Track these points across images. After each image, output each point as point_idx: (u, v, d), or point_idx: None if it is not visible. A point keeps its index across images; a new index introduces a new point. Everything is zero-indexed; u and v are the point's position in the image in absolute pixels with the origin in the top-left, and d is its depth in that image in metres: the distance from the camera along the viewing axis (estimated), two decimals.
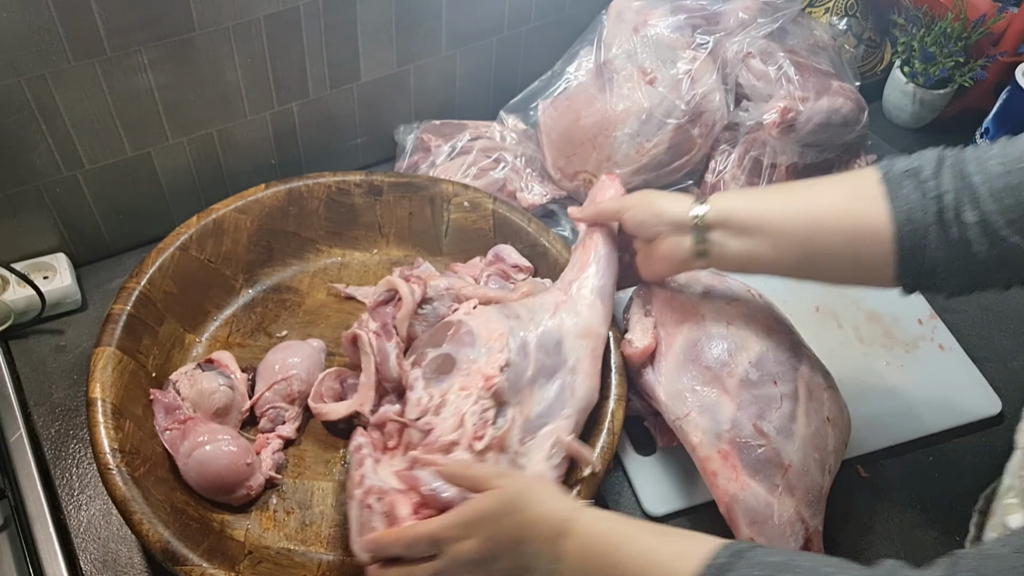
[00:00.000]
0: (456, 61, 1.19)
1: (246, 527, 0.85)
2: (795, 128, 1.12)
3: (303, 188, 1.04)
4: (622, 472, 0.95)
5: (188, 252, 0.97)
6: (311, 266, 1.07)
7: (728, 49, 1.15)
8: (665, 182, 1.20)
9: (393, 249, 1.09)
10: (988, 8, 1.26)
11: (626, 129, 1.14)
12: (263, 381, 0.93)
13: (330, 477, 0.90)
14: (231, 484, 0.85)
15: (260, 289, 1.04)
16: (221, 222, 1.00)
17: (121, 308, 0.90)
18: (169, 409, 0.88)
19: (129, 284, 0.93)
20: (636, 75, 1.14)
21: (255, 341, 0.99)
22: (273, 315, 1.02)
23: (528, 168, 1.19)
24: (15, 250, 1.04)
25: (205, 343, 0.98)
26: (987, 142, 1.27)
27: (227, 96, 1.04)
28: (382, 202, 1.07)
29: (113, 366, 0.86)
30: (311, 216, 1.06)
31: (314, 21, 1.03)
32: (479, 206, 1.07)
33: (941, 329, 1.09)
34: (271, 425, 0.92)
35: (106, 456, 0.80)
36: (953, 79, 1.29)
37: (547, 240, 1.04)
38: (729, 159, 1.18)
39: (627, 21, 1.17)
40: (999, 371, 1.07)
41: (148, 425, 0.87)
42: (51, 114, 0.94)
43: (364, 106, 1.16)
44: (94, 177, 1.02)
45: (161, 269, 0.95)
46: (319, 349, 0.97)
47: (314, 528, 0.86)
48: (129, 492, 0.78)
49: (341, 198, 1.06)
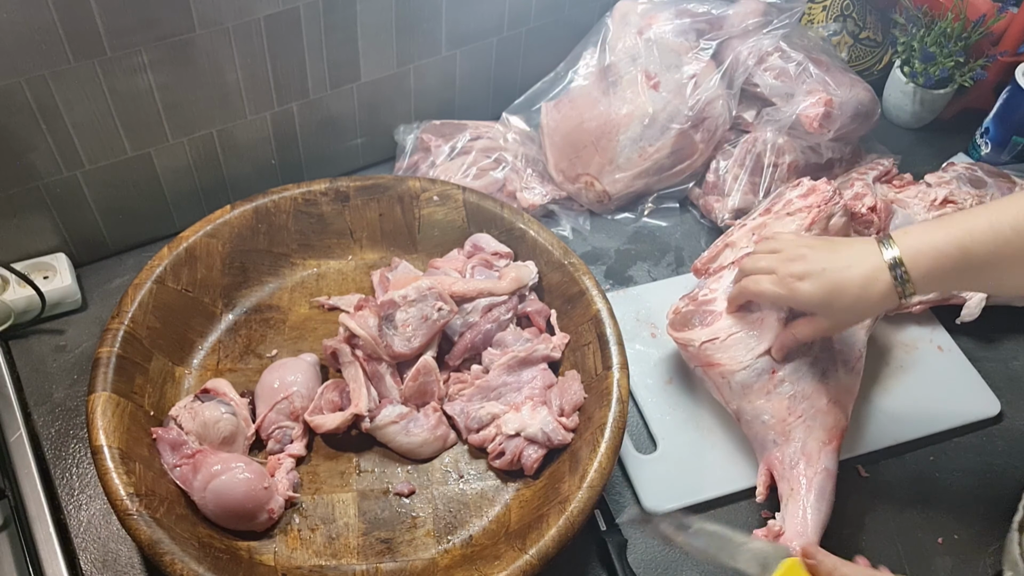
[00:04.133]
0: (456, 61, 1.19)
1: (273, 550, 0.85)
2: (831, 119, 1.12)
3: (269, 204, 1.03)
4: (622, 471, 0.95)
5: (164, 284, 0.95)
6: (288, 281, 1.05)
7: (739, 52, 1.15)
8: (666, 185, 1.20)
9: (367, 253, 1.08)
10: (988, 8, 1.26)
11: (629, 133, 1.14)
12: (263, 403, 0.92)
13: (348, 488, 0.90)
14: (252, 511, 0.84)
15: (241, 311, 1.02)
16: (192, 249, 0.98)
17: (108, 351, 0.88)
18: (175, 445, 0.86)
19: (112, 325, 0.90)
20: (640, 79, 1.14)
21: (246, 364, 0.98)
22: (259, 335, 1.01)
23: (528, 168, 1.19)
24: (15, 250, 1.04)
25: (196, 374, 0.97)
26: (987, 142, 1.28)
27: (227, 96, 1.04)
28: (350, 207, 1.06)
29: (112, 411, 0.84)
30: (281, 231, 1.04)
31: (314, 21, 1.03)
32: (449, 198, 1.06)
33: (940, 330, 1.10)
34: (279, 446, 0.91)
35: (124, 502, 0.78)
36: (953, 79, 1.29)
37: (523, 223, 1.04)
38: (730, 158, 1.18)
39: (631, 24, 1.17)
40: (998, 372, 1.07)
41: (156, 465, 0.85)
42: (51, 114, 0.94)
43: (364, 106, 1.16)
44: (94, 177, 1.02)
45: (141, 305, 0.93)
46: (313, 363, 0.96)
47: (342, 540, 0.86)
48: (155, 535, 0.77)
49: (309, 209, 1.05)
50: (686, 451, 0.97)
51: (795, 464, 0.86)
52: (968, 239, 0.77)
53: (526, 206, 1.16)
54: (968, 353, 1.07)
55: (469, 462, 0.93)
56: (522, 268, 1.01)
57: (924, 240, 0.79)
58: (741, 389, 0.90)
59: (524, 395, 0.94)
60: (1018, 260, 0.75)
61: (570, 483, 0.85)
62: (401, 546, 0.86)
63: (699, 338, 0.93)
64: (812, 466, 0.86)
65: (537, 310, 1.01)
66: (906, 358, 1.06)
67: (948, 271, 0.78)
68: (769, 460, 0.89)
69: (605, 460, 0.84)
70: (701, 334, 0.93)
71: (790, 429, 0.87)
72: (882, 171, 1.17)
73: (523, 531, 0.83)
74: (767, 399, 0.89)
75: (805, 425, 0.87)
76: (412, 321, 0.94)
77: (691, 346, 0.93)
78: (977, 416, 1.02)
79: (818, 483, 0.85)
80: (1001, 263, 0.76)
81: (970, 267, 0.77)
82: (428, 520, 0.88)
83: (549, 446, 0.90)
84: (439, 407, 0.94)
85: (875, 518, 0.94)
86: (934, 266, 0.78)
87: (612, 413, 0.87)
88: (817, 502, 0.84)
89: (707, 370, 0.93)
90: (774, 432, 0.88)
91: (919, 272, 0.78)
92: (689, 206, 1.23)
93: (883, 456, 0.98)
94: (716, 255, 1.02)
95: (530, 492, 0.89)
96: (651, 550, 0.91)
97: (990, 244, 0.76)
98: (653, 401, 1.01)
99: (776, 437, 0.88)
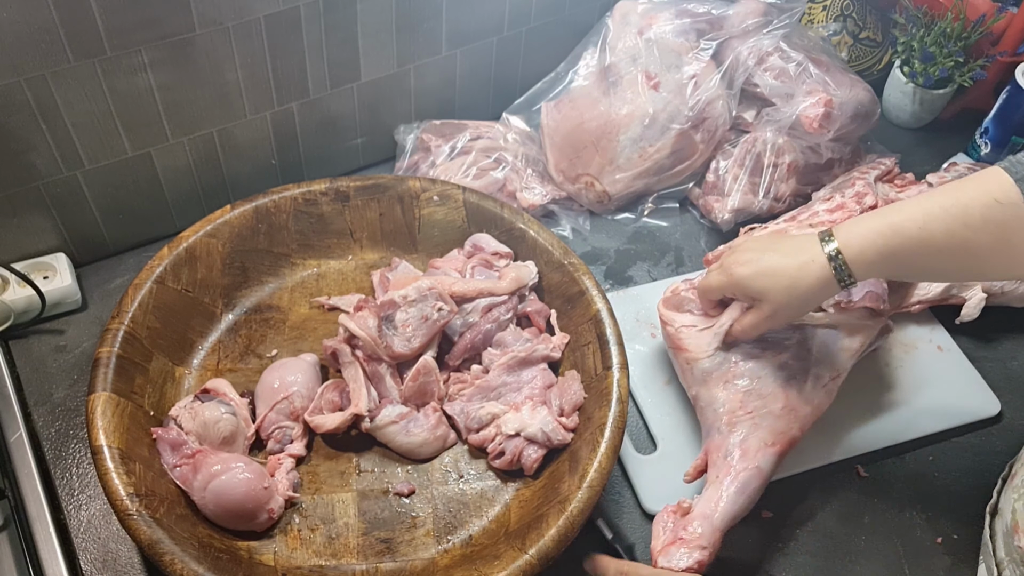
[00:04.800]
0: (456, 61, 1.19)
1: (273, 551, 0.85)
2: (831, 119, 1.12)
3: (270, 204, 1.03)
4: (622, 471, 0.96)
5: (164, 284, 0.95)
6: (288, 281, 1.05)
7: (739, 52, 1.15)
8: (666, 185, 1.20)
9: (367, 253, 1.08)
10: (988, 8, 1.26)
11: (629, 133, 1.14)
12: (263, 403, 0.92)
13: (348, 488, 0.90)
14: (252, 511, 0.84)
15: (241, 312, 1.02)
16: (192, 249, 0.98)
17: (108, 351, 0.88)
18: (175, 445, 0.86)
19: (112, 325, 0.90)
20: (640, 79, 1.14)
21: (246, 364, 0.98)
22: (259, 336, 1.00)
23: (529, 168, 1.19)
24: (15, 250, 1.04)
25: (196, 374, 0.96)
26: (987, 142, 1.28)
27: (227, 96, 1.04)
28: (350, 207, 1.06)
29: (112, 411, 0.84)
30: (281, 231, 1.04)
31: (314, 21, 1.03)
32: (449, 198, 1.06)
33: (939, 330, 1.10)
34: (279, 446, 0.91)
35: (124, 502, 0.78)
36: (953, 79, 1.29)
37: (523, 223, 1.04)
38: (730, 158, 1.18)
39: (632, 24, 1.17)
40: (997, 371, 1.07)
41: (156, 465, 0.85)
42: (51, 114, 0.94)
43: (364, 106, 1.16)
44: (94, 177, 1.02)
45: (141, 305, 0.93)
46: (313, 363, 0.96)
47: (342, 540, 0.86)
48: (155, 535, 0.77)
49: (309, 209, 1.05)
50: (686, 451, 0.97)
51: (730, 454, 0.87)
52: (898, 217, 0.78)
53: (526, 206, 1.16)
54: (968, 353, 1.08)
55: (469, 462, 0.93)
56: (522, 268, 1.01)
57: (859, 223, 0.81)
58: (702, 376, 0.92)
59: (524, 395, 0.94)
60: (948, 241, 0.76)
61: (570, 483, 0.85)
62: (401, 546, 0.86)
63: (680, 321, 0.95)
64: (745, 460, 0.86)
65: (537, 310, 1.01)
66: (905, 358, 1.06)
67: (881, 251, 0.79)
68: (708, 446, 0.90)
69: (605, 460, 0.84)
70: (683, 319, 0.95)
71: (737, 421, 0.88)
72: (884, 170, 1.18)
73: (523, 531, 0.84)
74: (724, 388, 0.90)
75: (752, 421, 0.88)
76: (412, 321, 0.94)
77: (671, 326, 0.95)
78: (976, 416, 1.02)
79: (744, 478, 0.85)
80: (932, 241, 0.77)
81: (903, 248, 0.78)
82: (428, 520, 0.88)
83: (549, 446, 0.90)
84: (439, 407, 0.94)
85: (875, 518, 0.94)
86: (867, 246, 0.79)
87: (612, 413, 0.87)
88: (737, 495, 0.85)
89: (676, 353, 0.95)
90: (722, 421, 0.89)
91: (852, 252, 0.80)
92: (689, 206, 1.23)
93: (882, 456, 0.99)
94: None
95: (530, 492, 0.89)
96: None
97: (919, 221, 0.77)
98: (653, 401, 1.01)
99: (722, 426, 0.89)
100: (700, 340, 0.93)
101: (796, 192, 1.18)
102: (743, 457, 0.86)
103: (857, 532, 0.93)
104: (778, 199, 1.17)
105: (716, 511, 0.83)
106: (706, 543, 0.81)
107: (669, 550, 0.81)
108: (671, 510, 0.85)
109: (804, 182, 1.19)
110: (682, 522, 0.83)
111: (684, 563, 0.79)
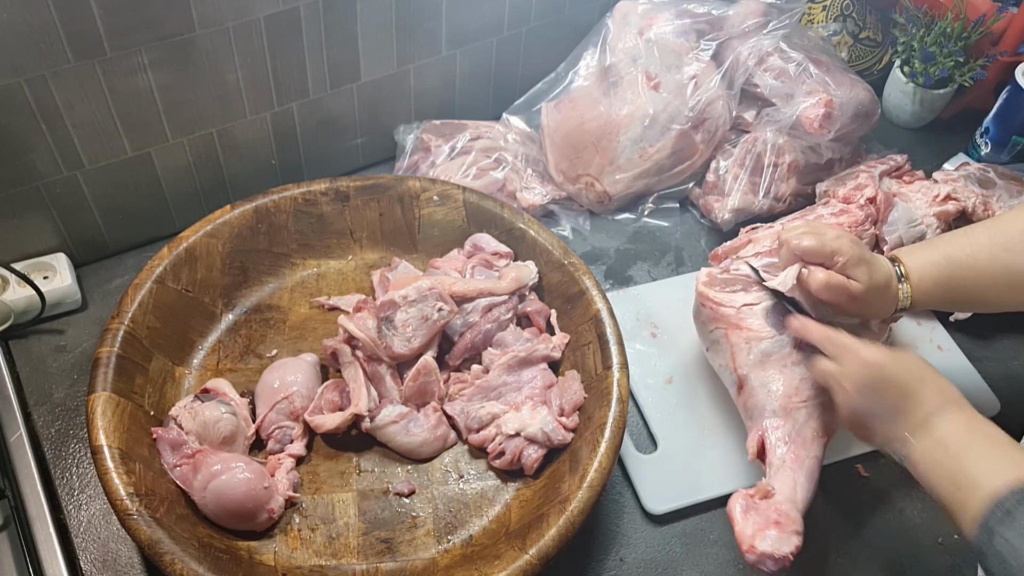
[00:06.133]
0: (456, 61, 1.19)
1: (273, 550, 0.85)
2: (831, 120, 1.12)
3: (270, 204, 1.03)
4: (622, 470, 0.96)
5: (164, 284, 0.95)
6: (288, 281, 1.05)
7: (740, 52, 1.15)
8: (666, 185, 1.20)
9: (367, 253, 1.08)
10: (988, 8, 1.26)
11: (630, 133, 1.14)
12: (263, 403, 0.92)
13: (348, 488, 0.90)
14: (252, 510, 0.84)
15: (241, 311, 1.02)
16: (192, 249, 0.98)
17: (108, 351, 0.88)
18: (175, 445, 0.86)
19: (112, 325, 0.90)
20: (641, 79, 1.14)
21: (246, 364, 0.98)
22: (259, 336, 1.01)
23: (528, 168, 1.19)
24: (15, 250, 1.04)
25: (196, 374, 0.96)
26: (987, 142, 1.28)
27: (227, 96, 1.04)
28: (350, 207, 1.06)
29: (112, 410, 0.84)
30: (281, 231, 1.04)
31: (314, 21, 1.03)
32: (449, 198, 1.07)
33: (939, 330, 1.10)
34: (279, 446, 0.91)
35: (124, 501, 0.78)
36: (953, 79, 1.29)
37: (523, 223, 1.04)
38: (730, 158, 1.18)
39: (632, 24, 1.17)
40: (998, 371, 1.07)
41: (156, 465, 0.85)
42: (51, 114, 0.94)
43: (364, 106, 1.16)
44: (94, 177, 1.02)
45: (141, 305, 0.93)
46: (313, 363, 0.96)
47: (342, 540, 0.86)
48: (155, 534, 0.77)
49: (309, 209, 1.05)
50: (686, 451, 0.97)
51: (792, 440, 0.86)
52: (950, 248, 0.88)
53: (526, 206, 1.16)
54: (968, 352, 1.08)
55: (469, 462, 0.93)
56: (522, 268, 1.01)
57: (913, 254, 0.89)
58: (760, 357, 0.90)
59: (524, 395, 0.94)
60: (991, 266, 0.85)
61: (570, 483, 0.85)
62: (401, 546, 0.86)
63: (740, 301, 0.93)
64: (806, 448, 0.86)
65: (537, 310, 1.01)
66: None
67: (937, 279, 0.87)
68: (764, 428, 0.88)
69: (605, 460, 0.84)
70: (744, 297, 0.93)
71: (793, 408, 0.88)
72: (893, 166, 1.18)
73: (523, 531, 0.84)
74: (780, 372, 0.89)
75: (807, 410, 0.87)
76: (412, 321, 0.94)
77: (728, 307, 0.93)
78: None
79: (810, 465, 0.85)
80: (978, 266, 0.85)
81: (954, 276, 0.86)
82: (428, 520, 0.88)
83: (549, 446, 0.90)
84: (439, 407, 0.94)
85: (875, 518, 0.94)
86: (925, 276, 0.87)
87: (612, 413, 0.87)
88: (807, 481, 0.84)
89: (731, 332, 0.93)
90: (776, 404, 0.88)
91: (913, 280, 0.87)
92: (689, 206, 1.23)
93: (883, 456, 0.98)
94: (738, 247, 1.03)
95: (530, 492, 0.89)
96: (651, 550, 0.91)
97: (967, 249, 0.86)
98: (653, 401, 1.01)
99: (777, 409, 0.88)
100: (763, 321, 0.91)
101: (796, 192, 1.18)
102: (803, 445, 0.86)
103: (857, 532, 0.93)
104: (778, 199, 1.17)
105: (797, 495, 0.83)
106: (799, 528, 0.80)
107: (767, 533, 0.79)
108: (749, 493, 0.84)
109: (804, 182, 1.19)
110: (771, 505, 0.82)
111: (786, 548, 0.78)
